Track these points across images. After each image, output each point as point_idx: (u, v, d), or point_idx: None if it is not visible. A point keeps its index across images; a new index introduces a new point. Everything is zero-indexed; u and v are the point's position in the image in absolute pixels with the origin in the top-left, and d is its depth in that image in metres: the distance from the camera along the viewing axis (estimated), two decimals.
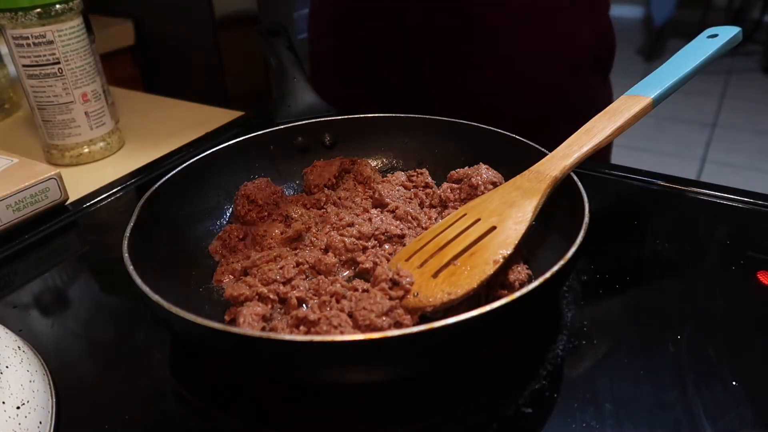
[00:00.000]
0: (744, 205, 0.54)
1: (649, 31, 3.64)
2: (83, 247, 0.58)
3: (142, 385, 0.39)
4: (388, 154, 0.61)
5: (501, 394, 0.37)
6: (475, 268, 0.39)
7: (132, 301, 0.46)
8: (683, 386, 0.36)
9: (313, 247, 0.47)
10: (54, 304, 0.48)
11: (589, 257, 0.48)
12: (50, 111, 0.67)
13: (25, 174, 0.57)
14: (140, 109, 0.87)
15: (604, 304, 0.44)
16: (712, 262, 0.49)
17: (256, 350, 0.33)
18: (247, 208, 0.51)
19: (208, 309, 0.43)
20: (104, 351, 0.43)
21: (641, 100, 0.47)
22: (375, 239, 0.47)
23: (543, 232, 0.45)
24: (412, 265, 0.41)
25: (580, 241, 0.37)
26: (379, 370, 0.35)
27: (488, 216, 0.43)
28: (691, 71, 0.49)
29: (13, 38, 0.63)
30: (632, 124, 0.46)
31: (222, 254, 0.48)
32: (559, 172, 0.44)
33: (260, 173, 0.57)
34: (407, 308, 0.38)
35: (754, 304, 0.43)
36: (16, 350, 0.38)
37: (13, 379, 0.35)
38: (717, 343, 0.40)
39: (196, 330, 0.34)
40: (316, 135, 0.60)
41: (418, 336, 0.31)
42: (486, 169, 0.52)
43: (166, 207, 0.48)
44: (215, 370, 0.39)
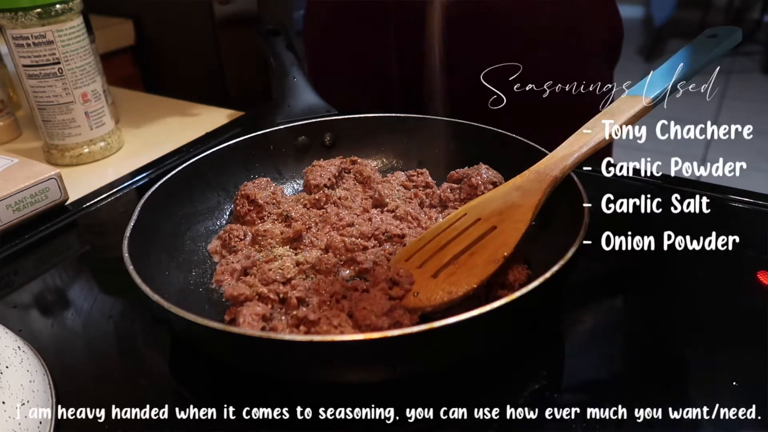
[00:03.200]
0: (744, 205, 0.54)
1: (649, 31, 3.64)
2: (83, 247, 0.58)
3: (142, 385, 0.39)
4: (388, 154, 0.61)
5: (501, 394, 0.37)
6: (475, 268, 0.39)
7: (132, 301, 0.46)
8: (683, 386, 0.36)
9: (313, 247, 0.47)
10: (54, 304, 0.48)
11: (589, 257, 0.48)
12: (50, 111, 0.67)
13: (25, 174, 0.57)
14: (140, 109, 0.87)
15: (604, 304, 0.44)
16: (712, 262, 0.48)
17: (256, 350, 0.33)
18: (247, 208, 0.51)
19: (208, 309, 0.43)
20: (104, 351, 0.43)
21: (641, 100, 0.47)
22: (375, 239, 0.47)
23: (543, 232, 0.45)
24: (412, 265, 0.41)
25: (580, 241, 0.37)
26: (379, 370, 0.35)
27: (488, 216, 0.43)
28: (690, 71, 0.49)
29: (13, 38, 0.63)
30: (632, 124, 0.46)
31: (222, 254, 0.48)
32: (559, 172, 0.44)
33: (260, 173, 0.57)
34: (407, 308, 0.38)
35: (754, 304, 0.43)
36: (16, 350, 0.38)
37: (13, 379, 0.35)
38: (717, 343, 0.40)
39: (196, 330, 0.34)
40: (316, 135, 0.60)
41: (418, 336, 0.31)
42: (486, 169, 0.52)
43: (166, 207, 0.48)
44: (215, 370, 0.39)
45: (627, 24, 0.82)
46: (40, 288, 0.49)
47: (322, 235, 0.48)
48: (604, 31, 0.76)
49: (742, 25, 3.32)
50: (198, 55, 1.22)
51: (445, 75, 0.78)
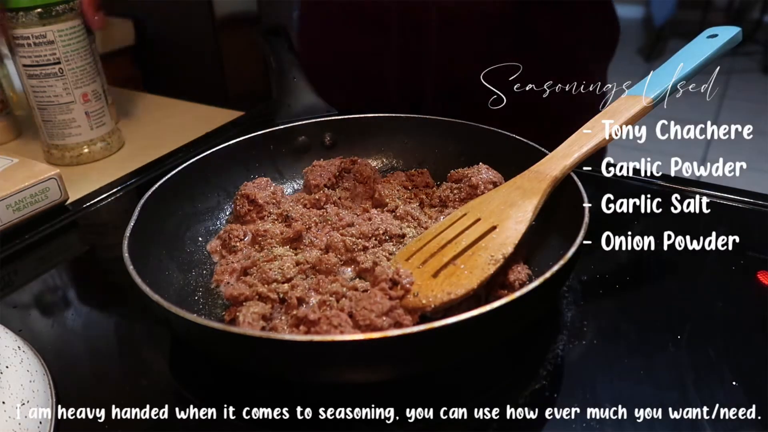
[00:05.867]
0: (744, 205, 0.54)
1: (649, 31, 3.64)
2: (83, 247, 0.58)
3: (142, 385, 0.39)
4: (388, 154, 0.61)
5: (501, 394, 0.37)
6: (475, 268, 0.39)
7: (132, 301, 0.46)
8: (683, 386, 0.36)
9: (313, 247, 0.47)
10: (54, 304, 0.48)
11: (589, 257, 0.48)
12: (50, 111, 0.67)
13: (25, 174, 0.57)
14: (140, 109, 0.87)
15: (604, 304, 0.44)
16: (712, 262, 0.48)
17: (256, 350, 0.33)
18: (247, 207, 0.51)
19: (208, 309, 0.43)
20: (104, 351, 0.43)
21: (641, 100, 0.47)
22: (375, 239, 0.47)
23: (543, 232, 0.45)
24: (412, 265, 0.41)
25: (580, 241, 0.37)
26: (379, 370, 0.35)
27: (488, 216, 0.43)
28: (691, 71, 0.49)
29: (14, 38, 0.63)
30: (632, 124, 0.46)
31: (222, 254, 0.48)
32: (559, 172, 0.44)
33: (260, 173, 0.57)
34: (407, 308, 0.38)
35: (754, 304, 0.43)
36: (16, 350, 0.38)
37: (13, 379, 0.35)
38: (717, 343, 0.40)
39: (196, 330, 0.34)
40: (316, 135, 0.60)
41: (418, 336, 0.31)
42: (486, 169, 0.52)
43: (166, 207, 0.48)
44: (215, 370, 0.39)
45: (627, 24, 0.82)
46: (40, 288, 0.49)
47: (322, 235, 0.48)
48: (600, 28, 0.76)
49: (742, 25, 3.32)
50: (198, 55, 1.22)
51: (444, 75, 0.78)
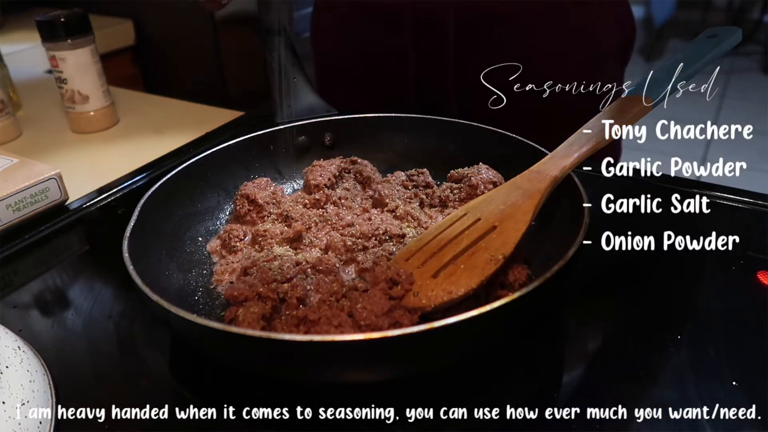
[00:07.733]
0: (744, 205, 0.54)
1: (649, 31, 3.64)
2: (83, 247, 0.57)
3: (142, 385, 0.39)
4: (388, 154, 0.60)
5: (501, 394, 0.37)
6: (475, 268, 0.39)
7: (132, 301, 0.46)
8: (683, 386, 0.36)
9: (313, 247, 0.47)
10: (54, 304, 0.48)
11: (589, 257, 0.48)
12: None
13: (25, 174, 0.57)
14: (140, 109, 0.87)
15: (604, 304, 0.44)
16: (712, 262, 0.48)
17: (256, 350, 0.33)
18: (247, 207, 0.51)
19: (208, 309, 0.43)
20: (104, 351, 0.43)
21: (641, 100, 0.47)
22: (375, 239, 0.47)
23: (543, 232, 0.45)
24: (412, 265, 0.41)
25: (580, 241, 0.37)
26: (379, 370, 0.35)
27: (488, 216, 0.43)
28: (690, 71, 0.49)
29: None
30: (632, 124, 0.46)
31: (222, 254, 0.48)
32: (559, 172, 0.44)
33: (260, 173, 0.57)
34: (407, 308, 0.38)
35: (754, 304, 0.43)
36: (16, 350, 0.38)
37: (13, 379, 0.35)
38: (717, 343, 0.40)
39: (196, 330, 0.34)
40: (316, 135, 0.60)
41: (418, 336, 0.31)
42: (486, 169, 0.52)
43: (166, 207, 0.48)
44: (215, 370, 0.39)
45: None
46: (40, 288, 0.49)
47: (322, 235, 0.48)
48: (618, 30, 0.76)
49: (742, 25, 3.32)
50: (198, 55, 1.22)
51: (460, 77, 0.77)
